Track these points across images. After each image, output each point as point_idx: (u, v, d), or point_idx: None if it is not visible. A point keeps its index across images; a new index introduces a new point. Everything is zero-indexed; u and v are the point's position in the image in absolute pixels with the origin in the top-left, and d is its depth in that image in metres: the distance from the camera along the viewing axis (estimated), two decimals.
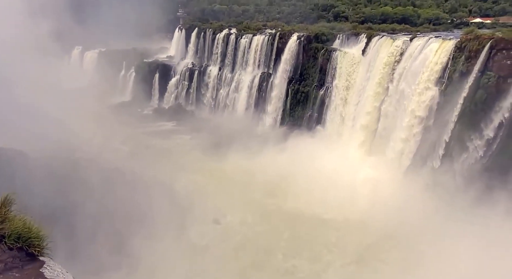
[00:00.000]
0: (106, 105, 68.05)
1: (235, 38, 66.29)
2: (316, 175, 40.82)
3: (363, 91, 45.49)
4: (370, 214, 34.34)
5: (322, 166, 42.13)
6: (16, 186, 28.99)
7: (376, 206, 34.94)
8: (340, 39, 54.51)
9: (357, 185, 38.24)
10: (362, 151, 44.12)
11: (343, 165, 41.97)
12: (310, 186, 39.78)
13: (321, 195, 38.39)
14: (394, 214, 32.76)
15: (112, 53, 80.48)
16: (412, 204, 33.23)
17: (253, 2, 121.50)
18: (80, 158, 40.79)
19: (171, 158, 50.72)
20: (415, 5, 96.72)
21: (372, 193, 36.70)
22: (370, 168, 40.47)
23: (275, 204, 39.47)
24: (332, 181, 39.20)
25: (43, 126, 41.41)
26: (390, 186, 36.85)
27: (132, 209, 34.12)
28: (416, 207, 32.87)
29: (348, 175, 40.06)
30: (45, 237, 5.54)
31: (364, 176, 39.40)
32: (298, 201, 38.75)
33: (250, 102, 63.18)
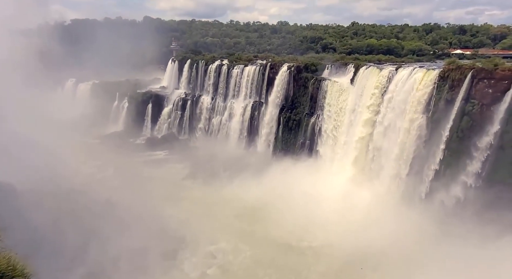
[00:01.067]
0: (98, 135, 67.94)
1: (227, 68, 68.04)
2: (307, 203, 40.71)
3: (353, 119, 46.41)
4: (360, 243, 33.82)
5: (314, 194, 42.08)
6: (4, 220, 28.21)
7: (368, 234, 34.47)
8: (329, 69, 56.35)
9: (348, 213, 37.99)
10: (354, 179, 44.23)
11: (335, 193, 41.94)
12: (302, 213, 39.53)
13: (312, 222, 38.04)
14: (385, 243, 32.43)
15: (106, 84, 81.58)
16: (402, 233, 33.08)
17: (244, 35, 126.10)
18: (70, 189, 40.03)
19: (163, 187, 50.11)
20: (398, 37, 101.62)
21: (364, 221, 36.38)
22: (361, 197, 40.39)
23: (265, 231, 38.83)
24: (324, 209, 39.01)
25: (33, 158, 41.00)
26: (381, 214, 36.67)
27: (123, 242, 33.15)
28: (407, 235, 32.73)
29: (340, 203, 39.94)
30: (29, 275, 5.39)
31: (355, 204, 39.24)
32: (289, 228, 38.29)
33: (243, 130, 63.73)
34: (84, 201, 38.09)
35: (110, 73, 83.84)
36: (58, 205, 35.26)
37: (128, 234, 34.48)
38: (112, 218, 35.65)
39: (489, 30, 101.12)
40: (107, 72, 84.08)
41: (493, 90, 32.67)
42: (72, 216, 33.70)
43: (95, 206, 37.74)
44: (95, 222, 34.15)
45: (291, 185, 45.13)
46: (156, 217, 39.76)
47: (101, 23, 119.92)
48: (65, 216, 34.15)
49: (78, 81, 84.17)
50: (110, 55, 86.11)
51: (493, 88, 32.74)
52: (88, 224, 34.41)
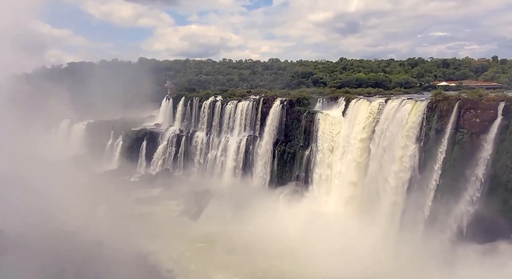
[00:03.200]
0: (93, 174, 67.11)
1: (221, 104, 69.43)
2: (304, 238, 39.78)
3: (346, 150, 46.92)
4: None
5: (311, 228, 41.31)
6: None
7: (368, 271, 33.50)
8: (321, 102, 57.88)
9: (346, 248, 37.01)
10: (351, 213, 43.74)
11: (331, 227, 41.16)
12: (299, 249, 38.54)
13: (310, 258, 36.92)
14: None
15: (100, 123, 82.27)
16: (402, 269, 32.28)
17: (237, 72, 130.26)
18: (61, 231, 38.88)
19: (156, 225, 49.08)
20: (385, 71, 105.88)
21: (361, 256, 35.44)
22: (359, 231, 39.67)
23: (260, 269, 37.71)
24: (321, 244, 37.99)
25: (23, 200, 40.21)
26: (379, 249, 35.90)
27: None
28: (407, 271, 31.92)
29: (337, 238, 38.97)
30: None
31: (352, 239, 38.39)
32: (286, 264, 37.36)
33: (238, 164, 63.67)
34: (73, 244, 36.89)
35: (105, 112, 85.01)
36: (47, 248, 34.10)
37: (118, 276, 33.15)
38: (101, 259, 34.37)
39: (471, 63, 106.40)
40: (102, 111, 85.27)
41: (480, 120, 33.72)
42: (60, 260, 32.44)
43: (84, 248, 36.49)
44: (84, 264, 32.87)
45: (287, 221, 44.41)
46: (148, 256, 38.70)
47: (97, 65, 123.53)
48: (53, 260, 32.92)
49: (72, 122, 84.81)
50: (105, 95, 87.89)
51: (480, 118, 33.81)
52: (76, 267, 33.14)
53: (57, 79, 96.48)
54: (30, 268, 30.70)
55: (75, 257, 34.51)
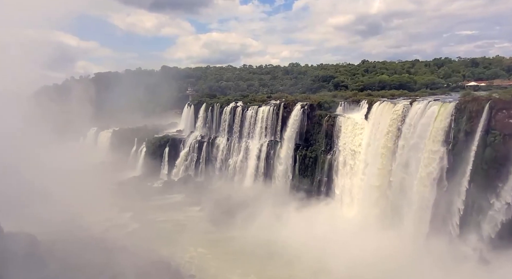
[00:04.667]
0: (118, 181, 69.00)
1: (241, 110, 69.67)
2: (327, 245, 38.65)
3: (370, 154, 45.57)
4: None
5: (334, 234, 40.14)
6: (26, 271, 28.18)
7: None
8: (342, 106, 56.76)
9: (372, 256, 35.61)
10: (375, 218, 42.19)
11: (356, 234, 39.83)
12: (324, 256, 37.47)
13: (334, 266, 35.77)
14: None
15: (125, 131, 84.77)
16: (434, 274, 30.68)
17: (257, 77, 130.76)
18: (90, 237, 40.03)
19: (178, 231, 49.52)
20: (410, 72, 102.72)
21: (389, 265, 33.96)
22: (385, 237, 38.13)
23: (282, 276, 37.04)
24: (347, 252, 36.76)
25: (54, 208, 41.79)
26: (407, 257, 34.29)
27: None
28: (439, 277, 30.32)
29: (362, 245, 37.61)
30: None
31: (379, 246, 36.90)
32: (308, 272, 36.39)
33: (259, 169, 63.43)
34: (102, 249, 37.82)
35: (129, 120, 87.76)
36: (77, 253, 35.06)
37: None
38: (126, 265, 34.98)
39: (502, 61, 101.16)
40: (127, 119, 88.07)
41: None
42: (87, 265, 33.26)
43: (112, 253, 37.32)
44: (109, 270, 33.52)
45: (310, 227, 43.50)
46: (171, 262, 38.91)
47: (122, 74, 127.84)
48: (81, 266, 33.81)
49: (99, 130, 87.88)
50: (129, 103, 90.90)
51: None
52: (105, 272, 33.85)
53: (85, 89, 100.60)
54: (63, 273, 31.61)
55: (101, 262, 35.27)
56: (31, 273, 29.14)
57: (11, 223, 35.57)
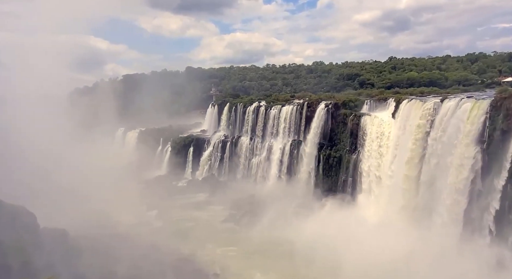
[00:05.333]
0: (144, 180, 70.87)
1: (264, 109, 69.47)
2: (354, 246, 37.48)
3: (397, 155, 43.91)
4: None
5: (361, 236, 38.85)
6: (59, 265, 29.49)
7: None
8: (368, 105, 55.18)
9: (400, 258, 34.16)
10: (403, 220, 40.48)
11: (383, 236, 38.33)
12: (347, 258, 36.39)
13: (360, 267, 34.64)
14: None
15: (151, 131, 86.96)
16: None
17: (280, 77, 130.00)
18: (118, 234, 41.29)
19: (203, 230, 50.10)
20: (440, 69, 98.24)
21: (418, 267, 32.45)
22: (413, 239, 36.45)
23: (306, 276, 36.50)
24: (373, 254, 35.49)
25: (85, 205, 43.51)
26: (438, 259, 32.61)
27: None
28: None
29: (390, 247, 36.16)
30: None
31: (407, 247, 35.36)
32: (332, 273, 35.60)
33: (282, 169, 62.99)
34: (129, 246, 38.90)
35: (155, 120, 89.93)
36: (106, 249, 36.21)
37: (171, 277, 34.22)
38: (152, 262, 35.73)
39: None
40: (153, 119, 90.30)
41: None
42: (114, 261, 34.24)
43: (138, 250, 38.31)
44: (135, 267, 34.36)
45: (334, 228, 42.47)
46: (195, 260, 39.54)
47: (148, 76, 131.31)
48: (112, 261, 34.90)
49: (126, 130, 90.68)
50: (155, 104, 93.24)
51: None
52: (132, 268, 34.74)
53: (113, 91, 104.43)
54: (93, 269, 32.75)
55: (128, 259, 36.25)
56: (64, 267, 30.33)
57: (46, 219, 37.40)
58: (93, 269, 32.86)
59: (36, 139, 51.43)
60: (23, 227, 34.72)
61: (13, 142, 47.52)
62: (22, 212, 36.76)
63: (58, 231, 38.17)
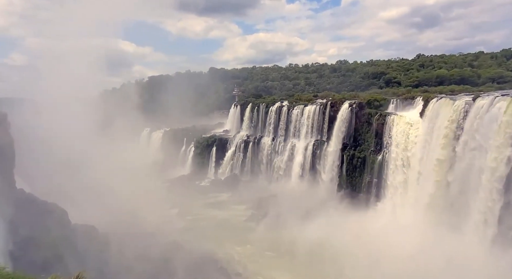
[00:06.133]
0: (168, 179, 72.42)
1: (287, 109, 69.06)
2: (379, 251, 36.34)
3: (425, 156, 42.22)
4: None
5: (387, 240, 37.62)
6: (89, 261, 30.70)
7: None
8: (394, 104, 53.56)
9: (428, 261, 32.73)
10: (432, 222, 38.80)
11: (411, 240, 36.91)
12: (373, 263, 35.33)
13: (387, 271, 33.51)
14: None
15: (175, 131, 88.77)
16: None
17: (303, 76, 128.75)
18: (143, 232, 42.39)
19: (225, 229, 50.45)
20: (473, 65, 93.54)
21: (449, 271, 30.93)
22: (443, 242, 34.77)
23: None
24: (400, 259, 34.26)
25: (112, 203, 44.98)
26: (469, 263, 30.94)
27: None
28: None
29: (418, 250, 34.78)
30: None
31: (436, 250, 33.80)
32: (358, 276, 34.63)
33: (305, 169, 62.35)
34: (154, 243, 39.84)
35: (179, 120, 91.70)
36: (132, 246, 37.26)
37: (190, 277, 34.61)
38: (176, 260, 36.33)
39: None
40: (177, 120, 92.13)
41: None
42: (140, 258, 35.11)
43: (163, 248, 39.14)
44: (160, 264, 35.07)
45: (361, 229, 41.50)
46: (218, 259, 39.75)
47: (173, 77, 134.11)
48: (137, 257, 35.85)
49: (151, 130, 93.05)
50: (179, 105, 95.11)
51: None
52: (158, 266, 35.52)
53: (139, 92, 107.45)
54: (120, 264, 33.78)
55: (153, 256, 37.11)
56: (93, 262, 31.42)
57: (76, 216, 38.99)
58: (120, 265, 33.89)
59: (66, 139, 53.78)
60: (55, 223, 36.35)
61: (45, 142, 49.88)
62: (55, 209, 38.55)
63: (88, 228, 39.75)
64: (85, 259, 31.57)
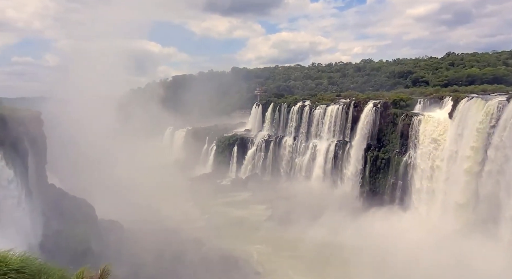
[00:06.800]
0: (190, 177, 73.58)
1: (309, 109, 68.34)
2: (403, 258, 35.13)
3: (454, 159, 40.46)
4: None
5: (412, 246, 36.29)
6: (114, 255, 31.81)
7: None
8: (421, 104, 51.71)
9: (457, 268, 31.27)
10: (460, 227, 37.07)
11: (437, 243, 35.46)
12: (397, 265, 34.21)
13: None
14: None
15: (197, 130, 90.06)
16: None
17: (326, 76, 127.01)
18: (164, 228, 43.33)
19: (245, 229, 50.70)
20: (508, 64, 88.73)
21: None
22: (472, 248, 33.06)
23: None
24: (427, 267, 32.99)
25: (135, 199, 46.30)
26: (504, 271, 29.33)
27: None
28: None
29: (445, 256, 33.32)
30: None
31: (465, 257, 32.21)
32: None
33: (326, 170, 61.47)
34: (176, 240, 40.65)
35: (202, 119, 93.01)
36: (156, 242, 38.19)
37: (210, 275, 34.97)
38: (197, 258, 36.85)
39: None
40: (199, 119, 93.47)
41: None
42: (165, 253, 35.90)
43: (185, 245, 39.86)
44: (181, 261, 35.69)
45: (383, 233, 40.33)
46: (237, 257, 39.85)
47: (196, 77, 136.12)
48: (160, 253, 36.73)
49: (175, 129, 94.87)
50: (202, 104, 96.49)
51: None
52: (180, 262, 36.20)
53: (163, 91, 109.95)
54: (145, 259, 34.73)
55: (175, 252, 37.87)
56: (118, 257, 32.46)
57: (102, 211, 40.44)
58: (143, 260, 34.82)
59: (93, 137, 55.81)
60: (83, 218, 37.91)
61: (74, 140, 51.97)
62: (83, 204, 40.19)
63: (114, 223, 41.21)
64: (110, 253, 32.67)
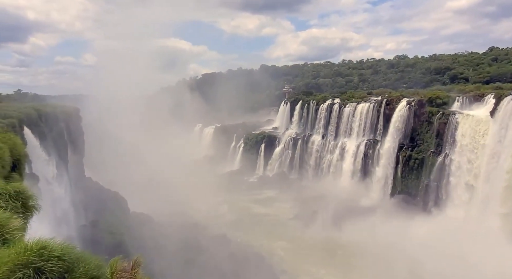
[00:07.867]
0: (218, 174, 74.63)
1: (338, 107, 66.85)
2: (434, 258, 33.51)
3: (497, 158, 37.97)
4: None
5: (448, 252, 34.45)
6: (144, 247, 33.01)
7: None
8: (459, 102, 49.06)
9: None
10: (499, 232, 34.74)
11: (476, 248, 33.38)
12: (427, 270, 32.76)
13: None
14: None
15: (225, 127, 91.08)
16: None
17: (357, 73, 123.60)
18: (195, 223, 44.34)
19: (271, 226, 50.76)
20: None
21: None
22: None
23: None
24: (459, 269, 31.25)
25: (166, 195, 47.72)
26: None
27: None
28: None
29: (484, 263, 31.30)
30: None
31: (505, 264, 30.15)
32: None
33: (356, 170, 59.88)
34: (204, 236, 41.45)
35: (230, 117, 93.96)
36: (184, 236, 39.12)
37: (238, 271, 35.33)
38: (224, 253, 37.34)
39: None
40: (228, 116, 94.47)
41: None
42: (190, 249, 36.65)
43: (212, 241, 40.55)
44: (213, 255, 36.30)
45: (416, 237, 38.67)
46: (264, 255, 40.06)
47: (225, 74, 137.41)
48: (188, 247, 37.57)
49: (203, 126, 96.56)
50: (230, 101, 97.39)
51: None
52: (207, 257, 36.87)
53: (193, 89, 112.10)
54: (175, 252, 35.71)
55: (202, 248, 38.59)
56: (148, 248, 33.59)
57: (134, 205, 42.03)
58: (172, 254, 35.75)
59: (126, 133, 58.05)
60: (117, 210, 39.58)
61: (109, 135, 54.31)
62: (117, 197, 41.97)
63: (144, 216, 42.70)
64: (141, 245, 33.86)
